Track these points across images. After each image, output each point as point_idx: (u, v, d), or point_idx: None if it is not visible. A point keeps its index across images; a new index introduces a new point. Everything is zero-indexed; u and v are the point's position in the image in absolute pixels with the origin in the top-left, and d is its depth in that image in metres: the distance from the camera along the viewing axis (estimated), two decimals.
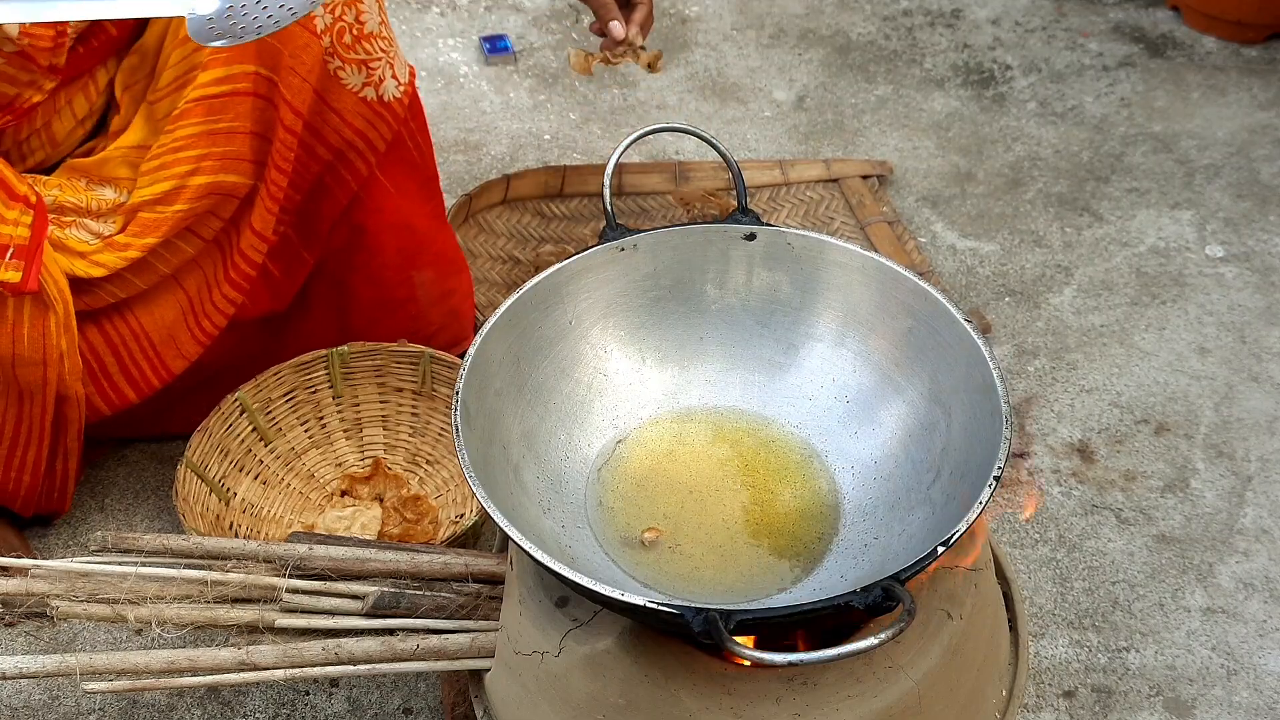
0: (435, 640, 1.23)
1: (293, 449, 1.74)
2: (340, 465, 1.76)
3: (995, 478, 1.03)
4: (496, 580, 1.29)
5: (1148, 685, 1.52)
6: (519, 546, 1.01)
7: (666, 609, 0.96)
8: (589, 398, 1.28)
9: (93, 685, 1.22)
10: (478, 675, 1.24)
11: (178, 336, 1.59)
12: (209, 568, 1.28)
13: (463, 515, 1.66)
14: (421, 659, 1.23)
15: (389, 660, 1.22)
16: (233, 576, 1.27)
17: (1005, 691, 1.24)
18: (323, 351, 1.72)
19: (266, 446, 1.71)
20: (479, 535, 1.59)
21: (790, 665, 0.91)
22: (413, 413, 1.77)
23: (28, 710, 1.49)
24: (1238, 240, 2.14)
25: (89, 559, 1.29)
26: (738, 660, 1.07)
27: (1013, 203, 2.24)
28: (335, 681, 1.52)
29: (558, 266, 1.24)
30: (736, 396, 1.30)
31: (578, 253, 1.25)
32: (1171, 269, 2.10)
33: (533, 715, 1.15)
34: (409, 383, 1.75)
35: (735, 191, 1.30)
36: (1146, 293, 2.05)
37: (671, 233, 1.28)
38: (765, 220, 1.29)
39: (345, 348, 1.72)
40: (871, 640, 0.90)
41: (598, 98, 2.49)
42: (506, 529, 1.02)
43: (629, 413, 1.29)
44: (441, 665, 1.23)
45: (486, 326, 1.18)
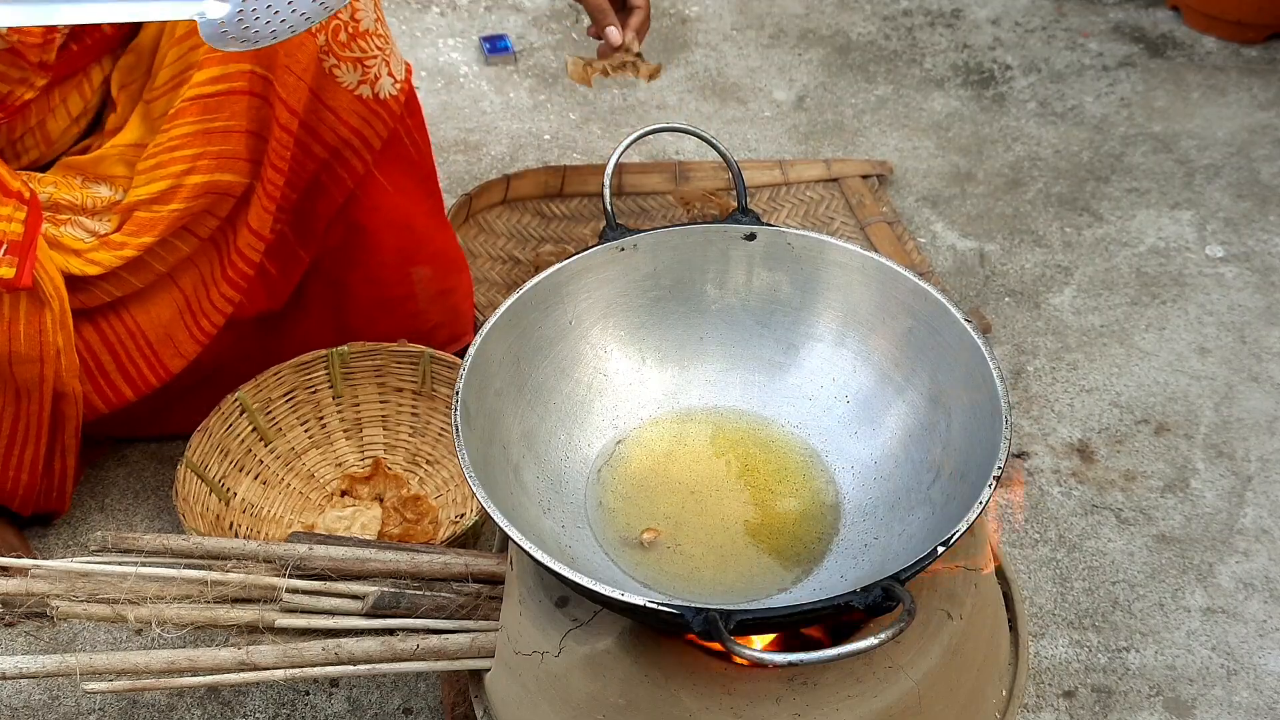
0: (435, 640, 1.23)
1: (293, 449, 1.74)
2: (340, 465, 1.76)
3: (995, 478, 1.03)
4: (496, 580, 1.29)
5: (1148, 685, 1.52)
6: (519, 546, 1.01)
7: (666, 609, 0.96)
8: (589, 398, 1.28)
9: (93, 685, 1.22)
10: (478, 675, 1.24)
11: (175, 335, 1.59)
12: (209, 568, 1.28)
13: (463, 515, 1.66)
14: (421, 659, 1.23)
15: (389, 660, 1.22)
16: (233, 576, 1.27)
17: (1005, 691, 1.24)
18: (323, 351, 1.72)
19: (266, 446, 1.71)
20: (479, 535, 1.59)
21: (790, 665, 0.91)
22: (413, 413, 1.77)
23: (28, 710, 1.49)
24: (1238, 240, 2.14)
25: (89, 559, 1.29)
26: (738, 660, 1.07)
27: (1013, 203, 2.24)
28: (335, 681, 1.52)
29: (558, 266, 1.24)
30: (736, 396, 1.30)
31: (578, 253, 1.25)
32: (1171, 269, 2.10)
33: (533, 715, 1.15)
34: (409, 383, 1.75)
35: (735, 191, 1.30)
36: (1146, 293, 2.05)
37: (671, 233, 1.28)
38: (765, 220, 1.29)
39: (345, 348, 1.72)
40: (871, 640, 0.90)
41: (598, 98, 2.49)
42: (506, 529, 1.02)
43: (629, 413, 1.29)
44: (441, 665, 1.23)
45: (486, 326, 1.18)
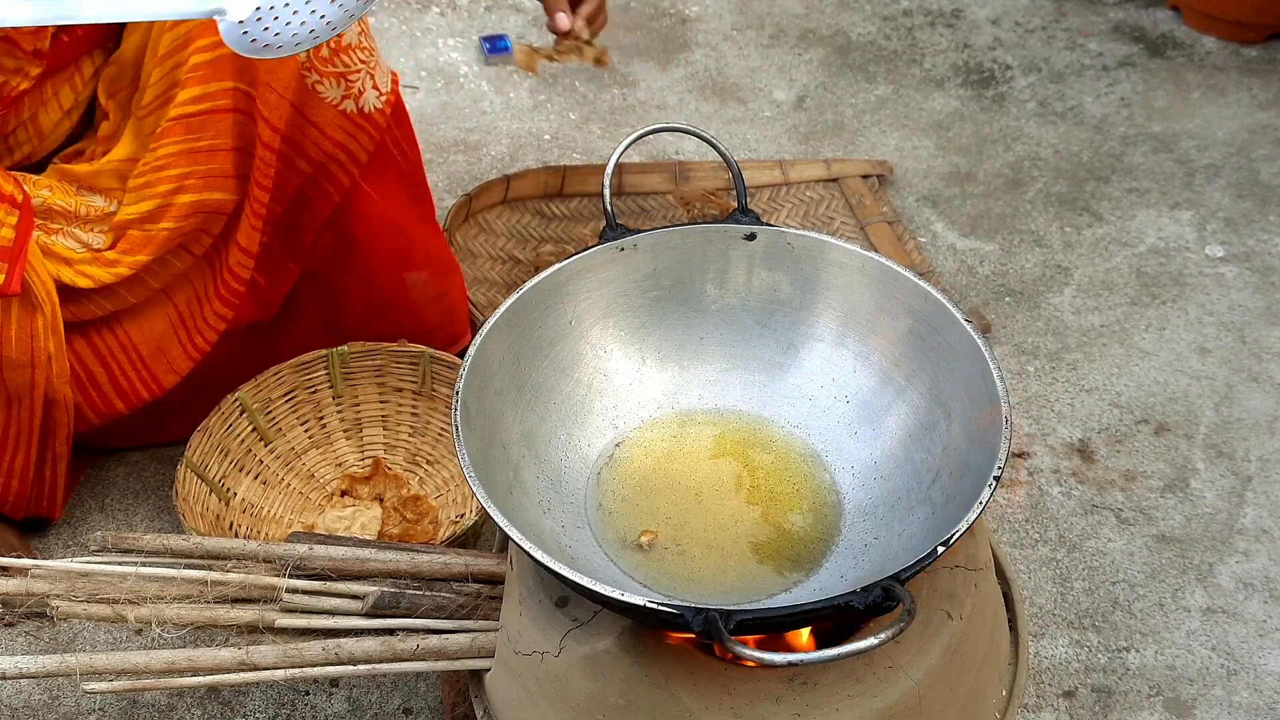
0: (435, 640, 1.23)
1: (293, 449, 1.74)
2: (340, 465, 1.76)
3: (995, 478, 1.03)
4: (496, 580, 1.28)
5: (1148, 685, 1.52)
6: (519, 546, 1.01)
7: (666, 609, 0.96)
8: (589, 398, 1.28)
9: (93, 685, 1.22)
10: (478, 675, 1.24)
11: (168, 351, 1.59)
12: (209, 568, 1.28)
13: (463, 515, 1.66)
14: (421, 659, 1.23)
15: (389, 660, 1.22)
16: (233, 576, 1.27)
17: (1005, 691, 1.24)
18: (323, 351, 1.72)
19: (266, 446, 1.71)
20: (479, 535, 1.59)
21: (790, 665, 0.91)
22: (413, 413, 1.77)
23: (28, 710, 1.49)
24: (1238, 240, 2.14)
25: (89, 559, 1.29)
26: (737, 660, 1.07)
27: (1013, 203, 2.24)
28: (335, 681, 1.52)
29: (558, 266, 1.24)
30: (736, 397, 1.30)
31: (578, 253, 1.25)
32: (1171, 269, 2.10)
33: (533, 715, 1.15)
34: (409, 383, 1.75)
35: (735, 191, 1.30)
36: (1146, 293, 2.05)
37: (671, 233, 1.28)
38: (765, 220, 1.29)
39: (345, 348, 1.72)
40: (871, 640, 0.90)
41: (598, 98, 2.49)
42: (506, 529, 1.02)
43: (629, 413, 1.29)
44: (441, 665, 1.23)
45: (486, 326, 1.18)
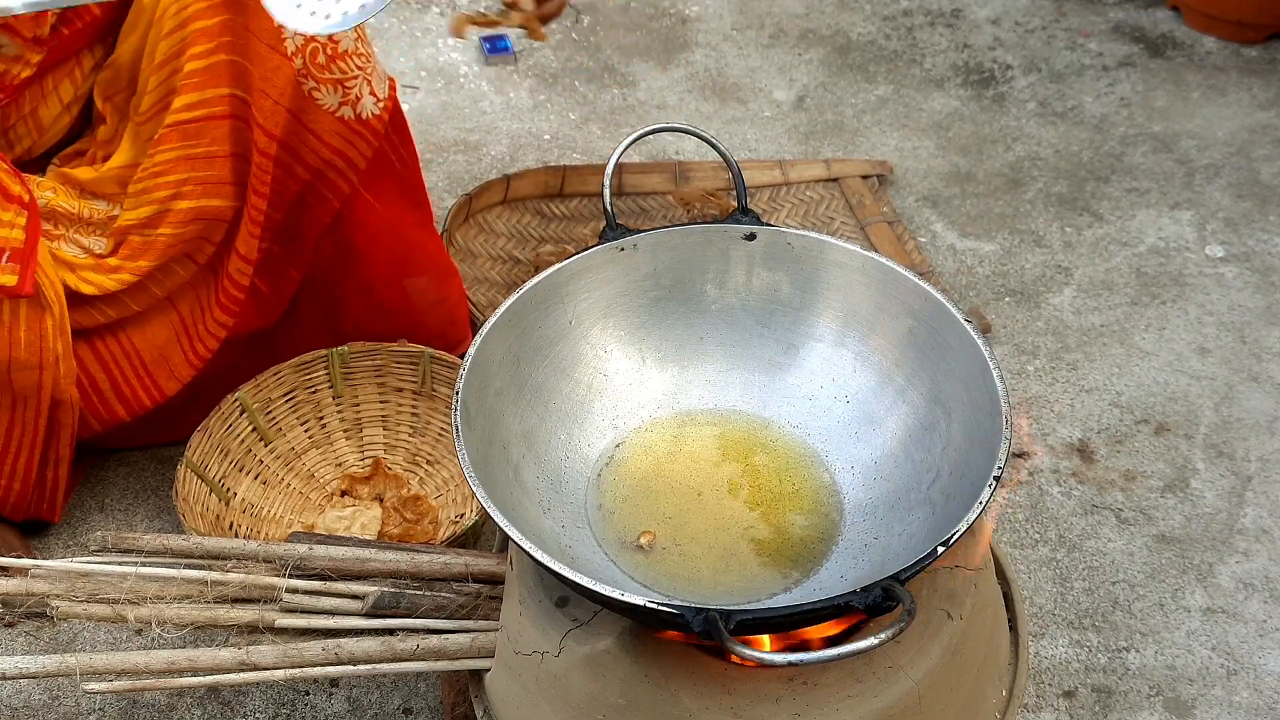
0: (435, 640, 1.23)
1: (293, 449, 1.74)
2: (340, 465, 1.76)
3: (995, 478, 1.03)
4: (496, 580, 1.28)
5: (1148, 685, 1.52)
6: (519, 546, 1.01)
7: (666, 609, 0.96)
8: (589, 398, 1.28)
9: (93, 685, 1.22)
10: (478, 675, 1.24)
11: (171, 358, 1.59)
12: (209, 568, 1.28)
13: (463, 515, 1.66)
14: (421, 659, 1.23)
15: (389, 660, 1.22)
16: (233, 576, 1.27)
17: (1005, 691, 1.24)
18: (323, 351, 1.72)
19: (266, 446, 1.71)
20: (479, 535, 1.59)
21: (790, 665, 0.91)
22: (413, 413, 1.77)
23: (28, 710, 1.49)
24: (1238, 240, 2.14)
25: (89, 559, 1.29)
26: (737, 660, 1.07)
27: (1013, 203, 2.24)
28: (335, 681, 1.52)
29: (558, 266, 1.24)
30: (736, 397, 1.30)
31: (578, 253, 1.25)
32: (1171, 269, 2.10)
33: (533, 715, 1.15)
34: (409, 383, 1.75)
35: (735, 191, 1.30)
36: (1146, 293, 2.05)
37: (671, 233, 1.28)
38: (765, 220, 1.29)
39: (345, 348, 1.72)
40: (871, 640, 0.90)
41: (598, 98, 2.49)
42: (506, 529, 1.02)
43: (629, 413, 1.29)
44: (441, 665, 1.23)
45: (486, 326, 1.18)
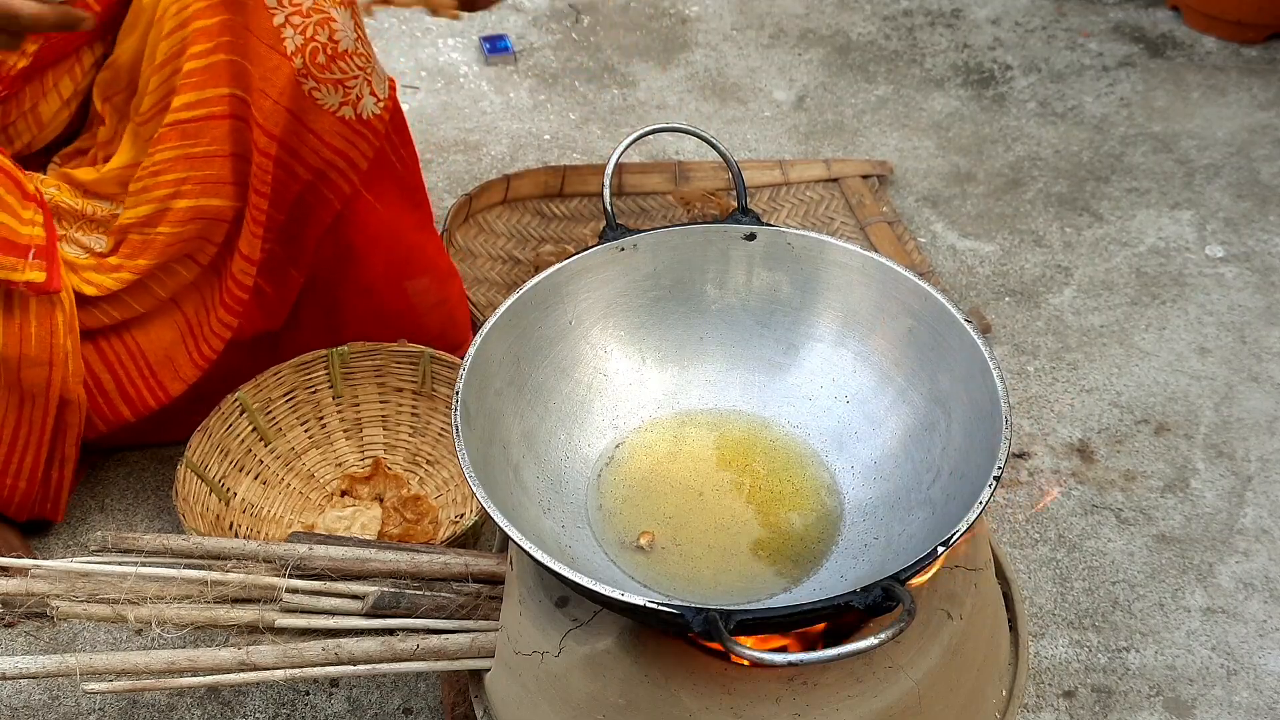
0: (435, 640, 1.23)
1: (293, 449, 1.74)
2: (340, 465, 1.76)
3: (995, 478, 1.03)
4: (496, 580, 1.28)
5: (1148, 685, 1.52)
6: (519, 546, 1.01)
7: (666, 609, 0.96)
8: (589, 398, 1.28)
9: (93, 685, 1.22)
10: (478, 675, 1.24)
11: (176, 359, 1.59)
12: (209, 568, 1.28)
13: (463, 515, 1.66)
14: (421, 659, 1.23)
15: (389, 660, 1.22)
16: (233, 576, 1.27)
17: (1005, 691, 1.24)
18: (323, 351, 1.72)
19: (266, 446, 1.71)
20: (479, 535, 1.59)
21: (790, 665, 0.91)
22: (413, 413, 1.77)
23: (28, 710, 1.49)
24: (1238, 240, 2.14)
25: (89, 559, 1.29)
26: (738, 660, 1.07)
27: (1013, 203, 2.24)
28: (335, 681, 1.53)
29: (558, 266, 1.24)
30: (736, 397, 1.30)
31: (578, 253, 1.25)
32: (1171, 269, 2.10)
33: (533, 715, 1.15)
34: (409, 383, 1.75)
35: (735, 191, 1.30)
36: (1146, 293, 2.05)
37: (671, 233, 1.28)
38: (765, 220, 1.29)
39: (345, 347, 1.72)
40: (871, 640, 0.90)
41: (598, 98, 2.49)
42: (506, 529, 1.02)
43: (629, 413, 1.29)
44: (441, 665, 1.23)
45: (486, 326, 1.18)
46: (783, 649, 1.12)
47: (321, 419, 1.76)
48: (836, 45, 2.63)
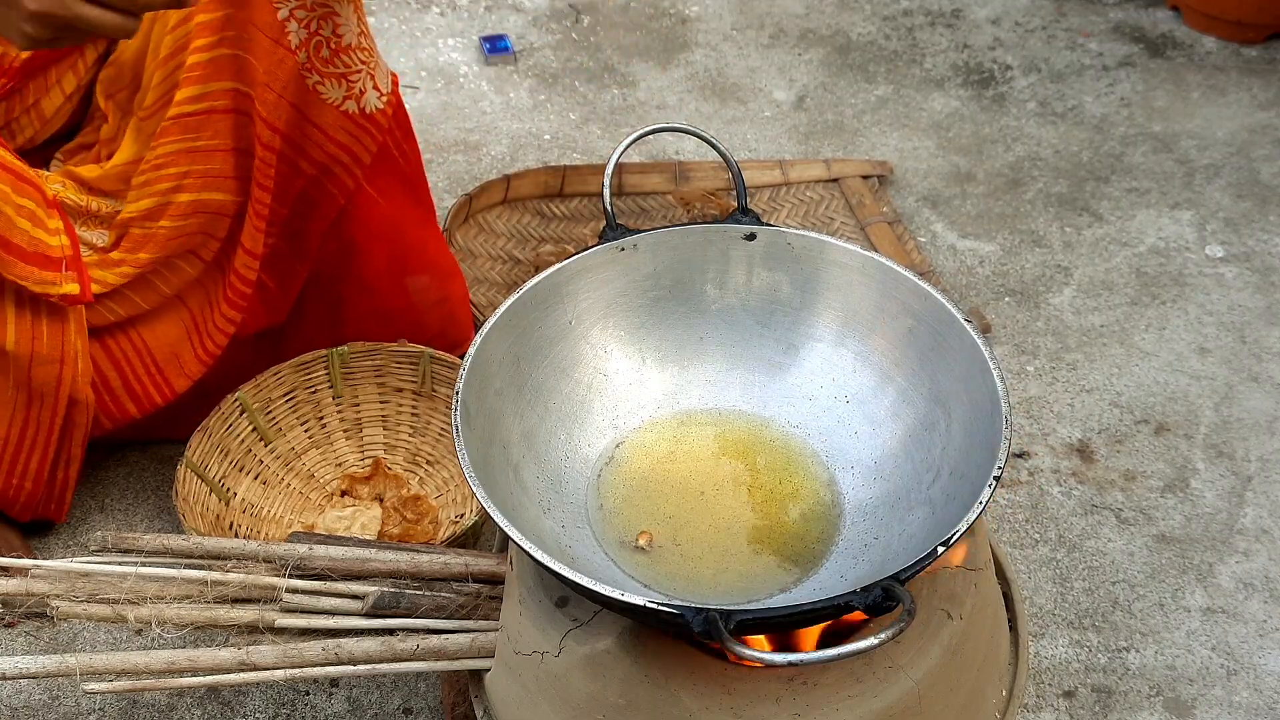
0: (435, 640, 1.23)
1: (293, 449, 1.74)
2: (340, 465, 1.76)
3: (995, 478, 1.03)
4: (496, 580, 1.29)
5: (1148, 685, 1.52)
6: (519, 546, 1.01)
7: (666, 609, 0.96)
8: (589, 398, 1.28)
9: (93, 685, 1.22)
10: (478, 675, 1.24)
11: (181, 355, 1.60)
12: (209, 568, 1.28)
13: (463, 515, 1.66)
14: (421, 659, 1.23)
15: (389, 660, 1.22)
16: (233, 576, 1.27)
17: (1005, 691, 1.24)
18: (323, 351, 1.72)
19: (266, 446, 1.71)
20: (479, 535, 1.59)
21: (790, 665, 0.91)
22: (413, 413, 1.77)
23: (28, 710, 1.49)
24: (1238, 240, 2.14)
25: (89, 559, 1.29)
26: (737, 660, 1.07)
27: (1013, 203, 2.24)
28: (335, 681, 1.52)
29: (558, 266, 1.24)
30: (736, 397, 1.30)
31: (578, 253, 1.25)
32: (1171, 269, 2.10)
33: (533, 715, 1.15)
34: (409, 383, 1.75)
35: (735, 191, 1.30)
36: (1146, 293, 2.05)
37: (671, 233, 1.28)
38: (765, 220, 1.29)
39: (345, 347, 1.72)
40: (871, 640, 0.90)
41: (598, 98, 2.49)
42: (506, 529, 1.02)
43: (629, 413, 1.29)
44: (441, 665, 1.23)
45: (486, 326, 1.18)
46: (783, 649, 1.12)
47: (321, 419, 1.76)
48: (836, 45, 2.63)
